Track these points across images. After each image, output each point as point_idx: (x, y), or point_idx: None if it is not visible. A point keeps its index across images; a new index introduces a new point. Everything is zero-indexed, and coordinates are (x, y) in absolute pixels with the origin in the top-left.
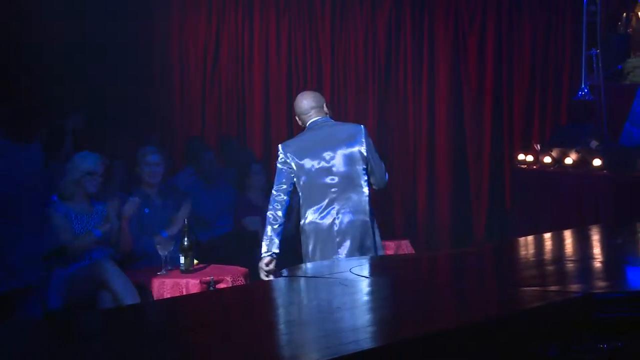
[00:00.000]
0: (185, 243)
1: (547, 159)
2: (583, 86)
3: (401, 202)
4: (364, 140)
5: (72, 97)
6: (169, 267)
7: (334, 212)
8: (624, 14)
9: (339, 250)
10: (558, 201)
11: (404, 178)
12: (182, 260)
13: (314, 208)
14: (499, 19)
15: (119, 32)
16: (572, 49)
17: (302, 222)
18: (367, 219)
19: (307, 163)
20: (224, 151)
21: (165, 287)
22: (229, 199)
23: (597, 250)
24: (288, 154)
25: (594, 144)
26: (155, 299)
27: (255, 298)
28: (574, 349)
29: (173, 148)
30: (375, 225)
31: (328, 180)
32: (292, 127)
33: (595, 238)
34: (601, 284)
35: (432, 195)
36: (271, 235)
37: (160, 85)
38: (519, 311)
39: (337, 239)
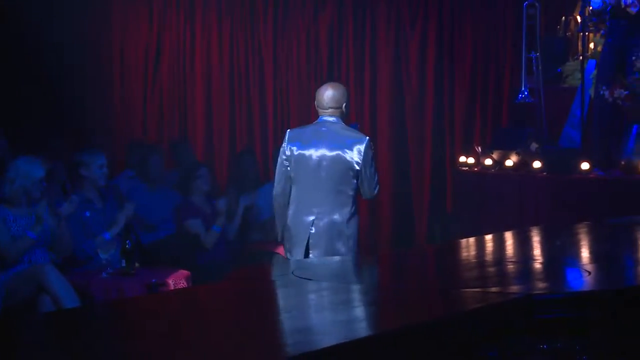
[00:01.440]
0: (127, 246)
1: (488, 161)
2: (523, 89)
3: None
4: (362, 151)
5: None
6: (110, 270)
7: (315, 212)
8: (563, 17)
9: (311, 251)
10: (499, 203)
11: None
12: (123, 263)
13: (300, 203)
14: (441, 21)
15: (57, 31)
16: (513, 52)
17: (287, 212)
18: (344, 227)
19: (305, 156)
20: (177, 154)
21: (106, 290)
22: (171, 201)
23: (537, 251)
24: (289, 140)
25: (533, 146)
26: (96, 302)
27: (199, 301)
28: (515, 350)
29: (112, 150)
30: (354, 234)
31: (318, 180)
32: (234, 130)
33: (536, 239)
34: (541, 285)
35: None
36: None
37: (100, 86)
38: (460, 312)
39: (311, 241)
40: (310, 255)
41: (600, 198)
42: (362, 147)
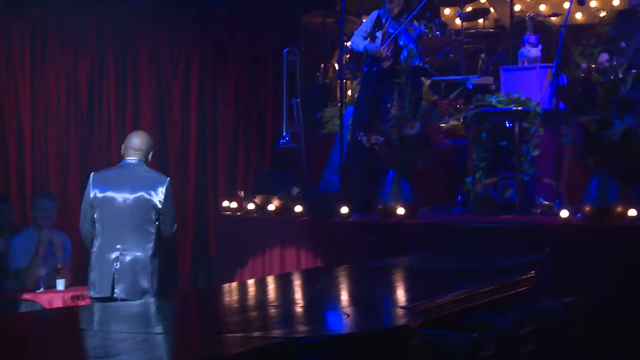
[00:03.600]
0: None
1: (251, 206)
2: (284, 134)
3: None
4: (163, 191)
5: None
6: None
7: (119, 248)
8: (322, 64)
9: (116, 286)
10: (262, 247)
11: None
12: None
13: (104, 241)
14: (203, 66)
15: None
16: (274, 98)
17: (92, 250)
18: (148, 263)
19: (106, 196)
20: None
21: None
22: None
23: (298, 295)
24: (93, 183)
25: (295, 190)
26: None
27: None
28: None
29: None
30: (156, 270)
31: (122, 219)
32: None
33: (297, 283)
34: (301, 328)
35: None
36: None
37: None
38: (223, 357)
39: (116, 276)
40: (116, 291)
41: (359, 241)
42: (163, 188)
